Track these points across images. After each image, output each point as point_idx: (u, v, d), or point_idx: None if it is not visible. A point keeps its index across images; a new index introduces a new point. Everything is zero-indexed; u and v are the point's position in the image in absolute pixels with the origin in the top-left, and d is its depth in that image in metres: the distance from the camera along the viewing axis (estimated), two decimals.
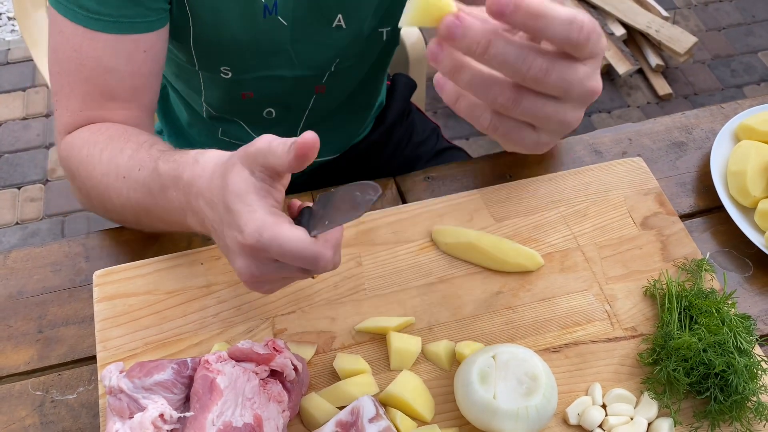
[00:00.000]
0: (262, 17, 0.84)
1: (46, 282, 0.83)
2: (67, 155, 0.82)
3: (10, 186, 2.15)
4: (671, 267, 0.80)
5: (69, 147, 0.82)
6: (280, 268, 0.58)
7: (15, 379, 0.76)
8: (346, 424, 0.63)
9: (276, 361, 0.64)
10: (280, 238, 0.55)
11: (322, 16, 0.87)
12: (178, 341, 0.73)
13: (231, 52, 0.88)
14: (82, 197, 0.84)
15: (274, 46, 0.88)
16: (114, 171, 0.75)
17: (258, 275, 0.58)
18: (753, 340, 0.71)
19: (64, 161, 0.83)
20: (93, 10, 0.76)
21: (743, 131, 0.94)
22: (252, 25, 0.84)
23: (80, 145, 0.80)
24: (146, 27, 0.80)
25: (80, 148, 0.80)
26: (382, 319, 0.74)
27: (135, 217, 0.76)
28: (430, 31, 2.66)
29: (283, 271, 0.58)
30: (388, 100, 1.17)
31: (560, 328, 0.75)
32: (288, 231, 0.55)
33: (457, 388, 0.67)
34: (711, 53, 2.55)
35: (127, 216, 0.78)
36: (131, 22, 0.78)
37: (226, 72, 0.91)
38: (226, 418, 0.59)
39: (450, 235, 0.80)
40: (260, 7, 0.83)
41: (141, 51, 0.80)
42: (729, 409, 0.68)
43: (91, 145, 0.78)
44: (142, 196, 0.72)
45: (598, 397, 0.70)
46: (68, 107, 0.82)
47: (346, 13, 0.87)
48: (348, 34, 0.90)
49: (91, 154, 0.78)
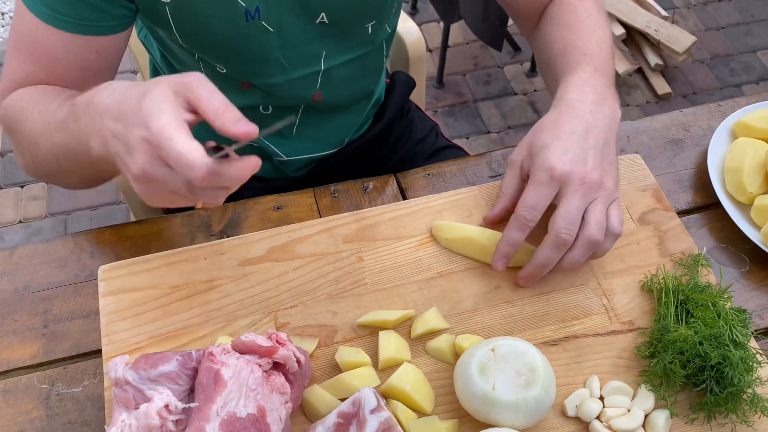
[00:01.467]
0: (244, 21, 0.84)
1: (52, 277, 0.84)
2: (4, 113, 0.85)
3: (13, 185, 2.16)
4: (668, 262, 0.81)
5: (6, 105, 0.84)
6: (169, 175, 0.60)
7: (21, 373, 0.77)
8: (347, 415, 0.64)
9: (279, 353, 0.65)
10: (176, 138, 0.57)
11: (304, 15, 0.88)
12: (183, 335, 0.74)
13: (220, 52, 0.89)
14: (19, 155, 0.86)
15: (263, 53, 0.89)
16: (42, 118, 0.77)
17: (150, 173, 0.60)
18: (748, 333, 0.72)
19: (3, 120, 0.85)
20: (55, 9, 0.78)
21: (740, 128, 0.95)
22: (234, 28, 0.85)
23: (15, 101, 0.83)
24: (105, 30, 0.82)
25: (15, 104, 0.83)
26: (382, 312, 0.75)
27: (56, 162, 0.78)
28: (429, 31, 2.64)
29: (172, 180, 0.60)
30: (387, 97, 1.18)
31: (558, 322, 0.76)
32: (185, 136, 0.58)
33: (457, 380, 0.68)
34: (710, 53, 2.56)
35: (51, 163, 0.80)
36: (91, 25, 0.81)
37: (221, 68, 0.92)
38: (230, 409, 0.60)
39: (450, 230, 0.81)
40: (241, 11, 0.83)
41: (93, 51, 0.83)
42: (725, 401, 0.69)
43: (25, 99, 0.81)
44: (61, 136, 0.74)
45: (595, 390, 0.71)
46: (11, 78, 0.84)
47: (329, 11, 0.88)
48: (331, 29, 0.90)
49: (25, 106, 0.81)
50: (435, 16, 2.64)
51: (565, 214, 0.72)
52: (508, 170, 0.79)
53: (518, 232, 0.75)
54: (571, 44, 0.86)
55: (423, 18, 2.65)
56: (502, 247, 0.76)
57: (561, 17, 0.91)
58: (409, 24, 1.32)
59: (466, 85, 2.45)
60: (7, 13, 2.65)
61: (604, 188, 0.74)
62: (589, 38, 0.86)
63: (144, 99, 0.60)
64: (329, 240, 0.81)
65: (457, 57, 2.49)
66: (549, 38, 0.91)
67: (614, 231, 0.74)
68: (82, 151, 0.71)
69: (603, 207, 0.73)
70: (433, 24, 2.63)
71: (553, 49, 0.89)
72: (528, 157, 0.77)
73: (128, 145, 0.61)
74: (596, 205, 0.73)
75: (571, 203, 0.72)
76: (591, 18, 0.89)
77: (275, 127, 0.65)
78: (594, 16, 0.89)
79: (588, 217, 0.73)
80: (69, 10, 0.79)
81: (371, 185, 0.93)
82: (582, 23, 0.88)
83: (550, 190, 0.73)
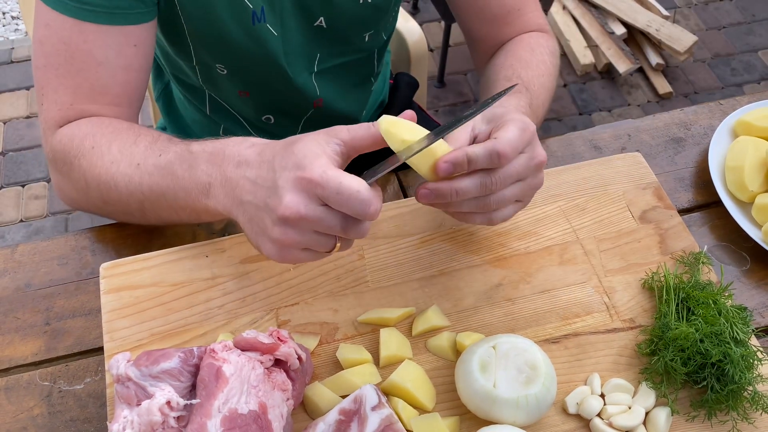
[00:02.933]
0: (251, 23, 0.84)
1: (53, 275, 0.84)
2: (63, 148, 0.80)
3: (14, 184, 2.16)
4: (669, 260, 0.81)
5: (67, 139, 0.80)
6: (325, 214, 0.60)
7: (23, 370, 0.77)
8: (349, 412, 0.64)
9: (280, 350, 0.65)
10: (341, 176, 0.58)
11: (304, 17, 0.88)
12: (184, 332, 0.74)
13: (225, 49, 0.89)
14: (76, 191, 0.82)
15: (267, 57, 0.89)
16: (126, 159, 0.75)
17: (304, 213, 0.59)
18: (749, 330, 0.72)
19: (60, 154, 0.81)
20: (83, 0, 0.75)
21: (741, 127, 0.95)
22: (244, 28, 0.85)
23: (82, 137, 0.79)
24: (137, 18, 0.79)
25: (82, 140, 0.78)
26: (383, 310, 0.75)
27: (140, 204, 0.76)
28: (430, 30, 2.64)
29: (326, 219, 0.60)
30: (391, 98, 1.18)
31: (560, 320, 0.76)
32: (349, 175, 0.59)
33: (458, 377, 0.68)
34: (711, 52, 2.56)
35: (131, 204, 0.77)
36: (123, 13, 0.77)
37: (222, 69, 0.92)
38: (232, 405, 0.60)
39: (407, 131, 0.65)
40: (249, 13, 0.83)
41: (131, 45, 0.80)
42: (725, 399, 0.69)
43: (98, 137, 0.78)
44: (159, 180, 0.73)
45: (596, 387, 0.71)
46: (57, 101, 0.80)
47: (328, 16, 0.89)
48: (328, 33, 0.91)
49: (97, 144, 0.77)
50: (436, 15, 2.64)
51: (511, 137, 0.66)
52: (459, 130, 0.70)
53: (481, 178, 0.66)
54: (518, 75, 0.86)
55: (424, 17, 2.65)
56: (445, 188, 0.66)
57: (516, 51, 0.92)
58: (411, 23, 1.32)
59: (467, 85, 2.45)
60: (8, 12, 2.65)
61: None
62: (535, 78, 0.87)
63: (296, 145, 0.61)
64: None
65: (458, 56, 2.49)
66: (498, 63, 0.92)
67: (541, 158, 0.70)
68: (189, 198, 0.70)
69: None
70: (434, 23, 2.63)
71: (499, 73, 0.89)
72: (484, 123, 0.71)
73: (275, 188, 0.61)
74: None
75: (519, 137, 0.67)
76: (542, 64, 0.90)
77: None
78: (546, 63, 0.91)
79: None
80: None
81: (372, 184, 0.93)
82: (533, 62, 0.90)
83: (527, 138, 0.68)
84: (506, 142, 0.65)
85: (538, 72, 0.88)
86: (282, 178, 0.60)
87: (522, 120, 0.68)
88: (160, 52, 1.01)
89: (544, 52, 0.92)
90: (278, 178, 0.60)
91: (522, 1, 0.95)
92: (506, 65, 0.90)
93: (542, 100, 0.87)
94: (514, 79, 0.85)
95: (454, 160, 0.64)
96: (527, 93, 0.83)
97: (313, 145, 0.61)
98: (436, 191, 0.66)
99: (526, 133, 0.67)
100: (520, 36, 0.96)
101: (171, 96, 1.14)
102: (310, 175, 0.58)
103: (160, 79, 1.13)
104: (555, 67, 0.93)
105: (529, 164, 0.68)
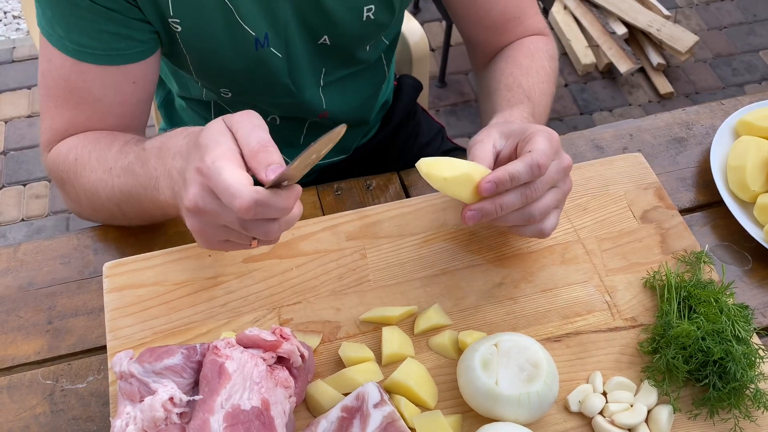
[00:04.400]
0: (254, 49, 0.84)
1: (56, 274, 0.84)
2: (53, 165, 0.83)
3: (15, 183, 2.17)
4: (670, 259, 0.81)
5: (55, 156, 0.83)
6: (220, 208, 0.59)
7: (25, 369, 0.77)
8: (351, 410, 0.64)
9: (283, 347, 0.65)
10: (224, 168, 0.57)
11: (308, 36, 0.88)
12: (187, 331, 0.75)
13: (228, 78, 0.89)
14: (73, 203, 0.85)
15: (272, 77, 0.89)
16: (102, 165, 0.77)
17: (201, 206, 0.59)
18: (751, 328, 0.72)
19: (54, 172, 0.84)
20: (83, 44, 0.76)
21: (743, 127, 0.95)
22: (245, 55, 0.85)
23: (66, 152, 0.81)
24: (135, 57, 0.80)
25: (67, 154, 0.81)
26: (385, 309, 0.76)
27: (118, 207, 0.78)
28: (431, 30, 2.65)
29: (223, 213, 0.59)
30: (395, 100, 1.18)
31: (561, 319, 0.76)
32: (233, 168, 0.57)
33: (460, 375, 0.68)
34: (712, 52, 2.56)
35: (112, 208, 0.79)
36: (121, 55, 0.79)
37: (226, 93, 0.92)
38: (235, 401, 0.60)
39: (444, 168, 0.68)
40: (252, 40, 0.83)
41: (130, 82, 0.81)
42: (727, 396, 0.69)
43: (79, 149, 0.80)
44: (125, 180, 0.74)
45: (598, 385, 0.71)
46: (52, 128, 0.83)
47: (331, 35, 0.89)
48: (332, 50, 0.91)
49: (80, 155, 0.79)
50: (437, 15, 2.65)
51: (544, 147, 0.69)
52: (479, 145, 0.72)
53: (521, 189, 0.68)
54: (518, 83, 0.87)
55: (425, 17, 2.65)
56: (489, 206, 0.68)
57: (515, 57, 0.93)
58: (413, 24, 1.32)
59: (468, 85, 2.45)
60: (10, 12, 2.66)
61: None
62: (535, 86, 0.88)
63: (202, 133, 0.61)
64: (333, 237, 0.82)
65: (459, 56, 2.49)
66: (499, 69, 0.93)
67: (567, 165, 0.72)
68: (147, 195, 0.71)
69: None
70: (435, 23, 2.63)
71: (500, 81, 0.90)
72: (503, 139, 0.73)
73: (186, 179, 0.61)
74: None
75: (550, 146, 0.70)
76: (542, 69, 0.91)
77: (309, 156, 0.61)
78: (545, 68, 0.92)
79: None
80: (95, 43, 0.77)
81: (374, 183, 0.93)
82: (533, 69, 0.90)
83: (556, 146, 0.70)
84: (542, 153, 0.67)
85: (538, 79, 0.89)
86: (188, 170, 0.61)
87: (545, 129, 0.71)
88: (167, 69, 1.01)
89: (544, 57, 0.93)
90: (186, 170, 0.61)
91: (522, 9, 0.95)
92: (506, 73, 0.90)
93: (543, 107, 0.88)
94: (515, 87, 0.87)
95: (498, 180, 0.67)
96: (529, 102, 0.84)
97: (216, 133, 0.60)
98: (482, 210, 0.68)
99: (554, 141, 0.70)
100: (519, 40, 0.96)
101: (173, 104, 1.13)
102: (201, 165, 0.58)
103: (162, 88, 1.13)
104: (554, 71, 0.94)
105: (558, 169, 0.71)
